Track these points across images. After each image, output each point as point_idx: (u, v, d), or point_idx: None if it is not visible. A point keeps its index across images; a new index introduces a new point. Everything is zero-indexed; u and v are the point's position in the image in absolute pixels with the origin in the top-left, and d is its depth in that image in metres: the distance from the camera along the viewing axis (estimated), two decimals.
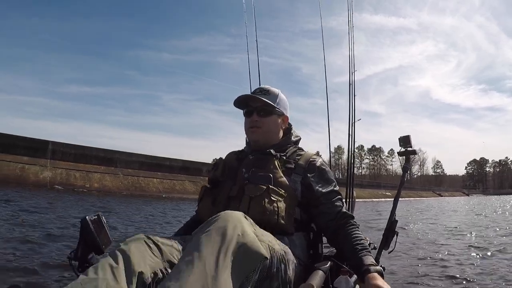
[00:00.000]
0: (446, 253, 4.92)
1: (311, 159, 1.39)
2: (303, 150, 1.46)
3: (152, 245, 1.02)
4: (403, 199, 34.31)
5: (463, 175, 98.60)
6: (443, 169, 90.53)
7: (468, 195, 63.99)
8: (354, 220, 1.32)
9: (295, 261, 1.17)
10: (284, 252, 1.10)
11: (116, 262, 0.92)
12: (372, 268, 1.10)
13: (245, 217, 0.97)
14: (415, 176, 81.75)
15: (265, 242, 0.98)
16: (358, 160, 78.05)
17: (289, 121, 1.54)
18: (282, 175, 1.31)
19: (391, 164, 79.20)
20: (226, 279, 0.82)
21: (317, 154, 1.46)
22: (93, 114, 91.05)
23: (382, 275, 1.09)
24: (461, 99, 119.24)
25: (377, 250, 1.60)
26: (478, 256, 4.69)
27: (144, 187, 15.84)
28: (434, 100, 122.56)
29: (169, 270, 0.99)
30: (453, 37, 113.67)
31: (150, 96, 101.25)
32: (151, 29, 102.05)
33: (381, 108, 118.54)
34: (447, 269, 3.90)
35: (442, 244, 5.70)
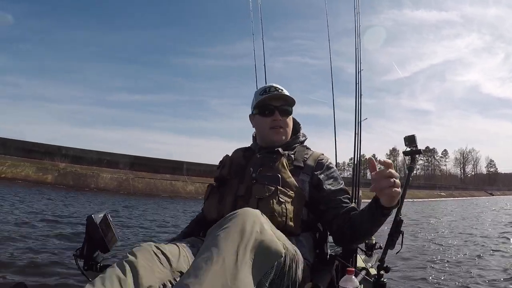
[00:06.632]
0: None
1: (319, 158, 1.39)
2: (310, 150, 1.46)
3: (160, 255, 0.99)
4: (456, 198, 36.52)
5: None
6: (497, 168, 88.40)
7: None
8: None
9: (304, 262, 1.15)
10: (295, 251, 1.07)
11: (124, 274, 0.90)
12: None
13: (262, 215, 0.96)
14: (469, 175, 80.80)
15: (280, 240, 0.96)
16: None
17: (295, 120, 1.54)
18: (290, 175, 1.30)
19: (445, 165, 79.02)
20: (246, 276, 0.81)
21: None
22: (142, 120, 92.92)
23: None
24: None
25: (382, 250, 1.54)
26: None
27: None
28: (484, 95, 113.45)
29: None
30: (498, 28, 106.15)
31: (198, 101, 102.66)
32: (196, 36, 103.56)
33: (430, 105, 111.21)
34: None
35: None
